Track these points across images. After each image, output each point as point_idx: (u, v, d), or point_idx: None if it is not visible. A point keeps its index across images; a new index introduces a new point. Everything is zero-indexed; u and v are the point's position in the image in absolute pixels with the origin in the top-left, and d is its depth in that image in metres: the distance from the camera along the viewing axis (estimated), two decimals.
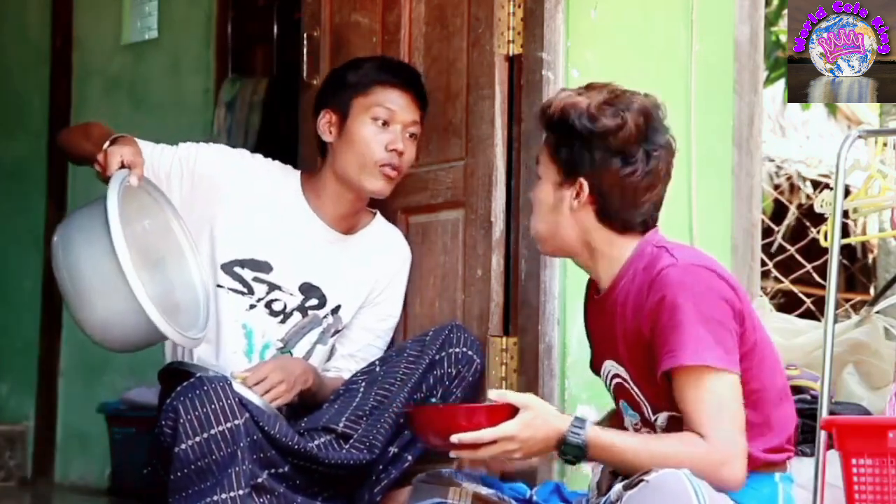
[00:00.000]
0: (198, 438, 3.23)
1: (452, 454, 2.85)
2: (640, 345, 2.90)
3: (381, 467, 3.53)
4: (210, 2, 5.53)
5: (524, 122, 3.82)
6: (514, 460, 2.87)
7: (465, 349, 3.62)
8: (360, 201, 3.75)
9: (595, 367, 3.14)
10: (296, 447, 3.41)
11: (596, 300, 3.06)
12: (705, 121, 3.98)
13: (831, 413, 3.09)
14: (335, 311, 3.73)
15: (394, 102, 3.69)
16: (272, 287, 3.65)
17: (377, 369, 3.63)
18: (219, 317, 3.63)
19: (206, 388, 3.27)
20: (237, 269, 3.63)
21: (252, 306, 3.63)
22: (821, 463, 2.95)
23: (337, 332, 3.74)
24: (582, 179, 2.95)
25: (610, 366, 3.03)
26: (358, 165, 3.66)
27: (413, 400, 3.54)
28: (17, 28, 6.25)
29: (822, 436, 2.95)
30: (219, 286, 3.63)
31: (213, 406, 3.25)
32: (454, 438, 2.78)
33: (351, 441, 3.50)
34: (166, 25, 5.71)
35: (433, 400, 3.58)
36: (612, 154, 2.94)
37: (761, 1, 4.18)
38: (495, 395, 2.85)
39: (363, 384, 3.61)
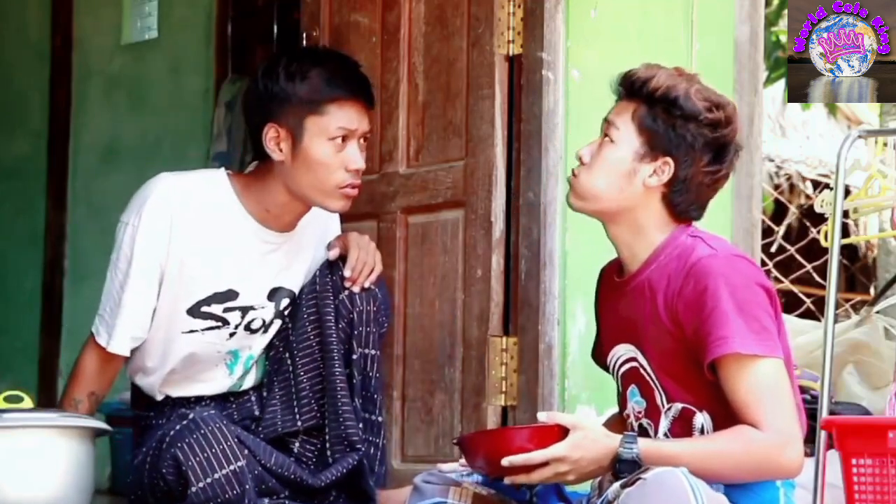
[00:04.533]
0: (201, 484, 3.25)
1: (506, 480, 2.81)
2: (670, 333, 2.90)
3: (368, 448, 3.50)
4: (210, 2, 5.53)
5: (524, 122, 3.82)
6: (567, 482, 2.83)
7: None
8: (310, 207, 3.53)
9: (600, 353, 3.12)
10: (292, 477, 3.41)
11: (617, 282, 3.04)
12: None
13: (831, 413, 3.10)
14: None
15: (351, 120, 3.39)
16: (244, 310, 3.51)
17: (287, 323, 3.54)
18: (196, 356, 3.51)
19: (202, 431, 3.26)
20: (205, 309, 3.47)
21: (232, 334, 3.51)
22: (821, 463, 2.95)
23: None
24: (669, 159, 2.94)
25: (623, 350, 3.01)
26: (318, 190, 3.41)
27: (343, 356, 3.46)
28: (17, 28, 6.25)
29: (822, 436, 2.95)
30: (192, 331, 3.48)
31: (213, 450, 3.25)
32: (504, 462, 2.76)
33: (328, 440, 3.46)
34: (166, 25, 5.71)
35: (363, 350, 3.46)
36: (710, 146, 2.94)
37: (761, 1, 4.18)
38: (545, 416, 2.83)
39: (287, 355, 3.53)
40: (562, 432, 2.78)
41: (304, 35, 4.28)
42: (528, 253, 3.78)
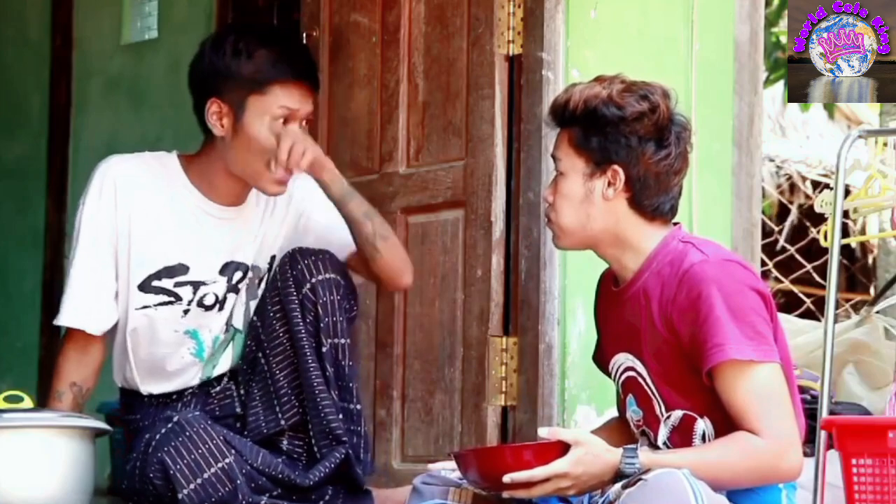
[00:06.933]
0: (192, 486, 3.25)
1: (505, 494, 2.82)
2: (666, 340, 2.90)
3: (350, 437, 3.49)
4: (210, 2, 5.53)
5: (524, 122, 3.82)
6: (568, 496, 2.83)
7: (322, 276, 3.42)
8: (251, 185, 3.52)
9: (601, 359, 3.13)
10: (280, 476, 3.39)
11: (613, 292, 3.05)
12: (705, 121, 3.97)
13: (831, 413, 3.10)
14: (255, 267, 3.56)
15: (294, 101, 3.37)
16: (196, 285, 3.48)
17: (256, 322, 3.51)
18: (155, 336, 3.49)
19: (187, 433, 3.27)
20: (156, 283, 3.46)
21: (186, 311, 3.49)
22: (821, 463, 2.95)
23: (260, 280, 3.56)
24: (616, 167, 2.94)
25: (623, 359, 3.02)
26: (254, 170, 3.40)
27: (315, 350, 3.41)
28: (17, 28, 6.25)
29: (822, 436, 2.95)
30: (145, 307, 3.46)
31: (199, 451, 3.26)
32: (506, 478, 2.76)
33: (312, 434, 3.45)
34: (166, 25, 5.71)
35: (332, 341, 3.40)
36: (647, 139, 2.94)
37: (761, 1, 4.19)
38: (546, 432, 2.83)
39: (260, 355, 3.49)
40: (563, 448, 2.78)
41: (305, 35, 4.28)
42: (527, 253, 3.78)
